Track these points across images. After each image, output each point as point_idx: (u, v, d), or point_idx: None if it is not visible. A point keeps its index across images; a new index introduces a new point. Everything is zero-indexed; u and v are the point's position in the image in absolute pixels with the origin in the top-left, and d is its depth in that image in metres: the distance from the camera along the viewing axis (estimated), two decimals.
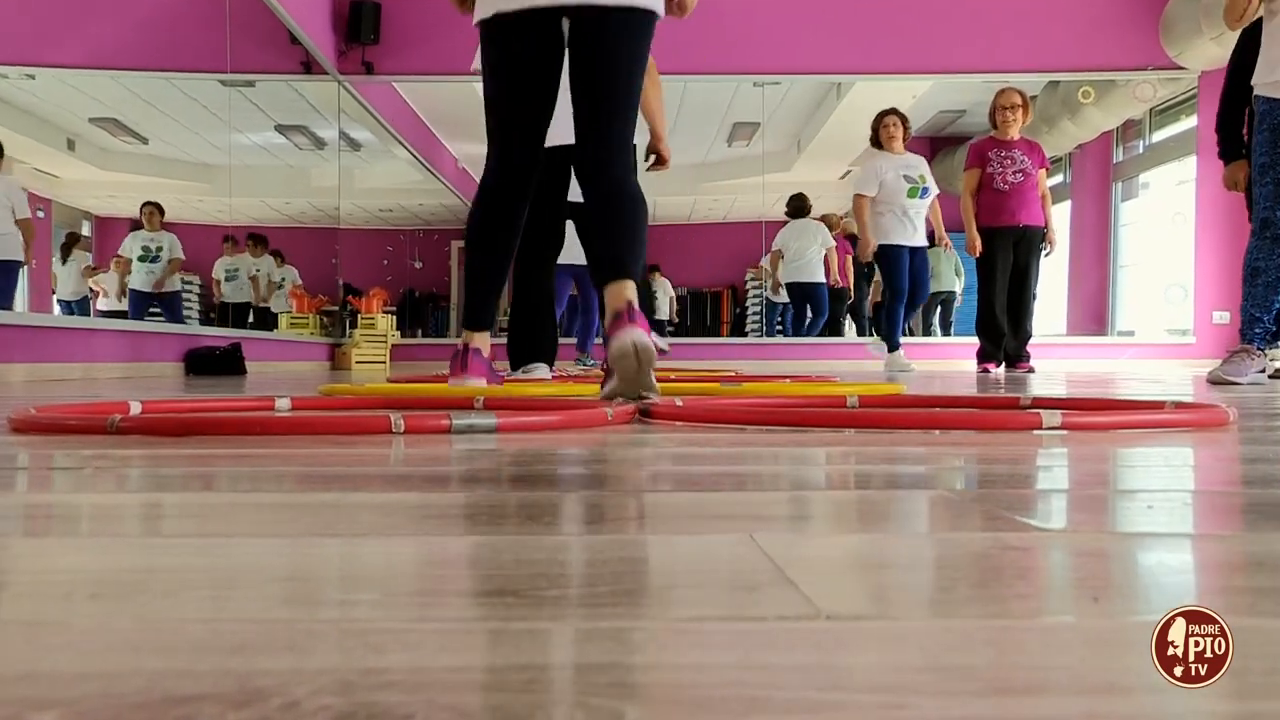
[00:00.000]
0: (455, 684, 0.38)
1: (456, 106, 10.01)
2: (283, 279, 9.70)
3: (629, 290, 2.18)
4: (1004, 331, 5.85)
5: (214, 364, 5.83)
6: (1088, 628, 0.46)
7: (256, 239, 9.23)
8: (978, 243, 5.85)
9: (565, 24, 2.36)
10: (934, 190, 6.45)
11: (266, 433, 1.45)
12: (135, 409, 1.71)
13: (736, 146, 11.49)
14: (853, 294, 10.55)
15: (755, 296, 11.49)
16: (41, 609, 0.50)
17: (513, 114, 2.45)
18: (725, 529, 0.72)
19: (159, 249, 7.68)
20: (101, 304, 7.71)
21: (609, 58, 2.35)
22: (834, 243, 9.43)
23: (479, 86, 2.54)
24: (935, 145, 11.68)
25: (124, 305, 7.60)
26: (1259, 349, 3.75)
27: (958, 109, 10.73)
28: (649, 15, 2.35)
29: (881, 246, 6.32)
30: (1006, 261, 5.81)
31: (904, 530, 0.76)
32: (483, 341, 2.59)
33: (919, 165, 6.48)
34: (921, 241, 6.45)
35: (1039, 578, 0.59)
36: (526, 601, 0.50)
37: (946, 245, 6.59)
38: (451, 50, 8.14)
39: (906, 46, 8.64)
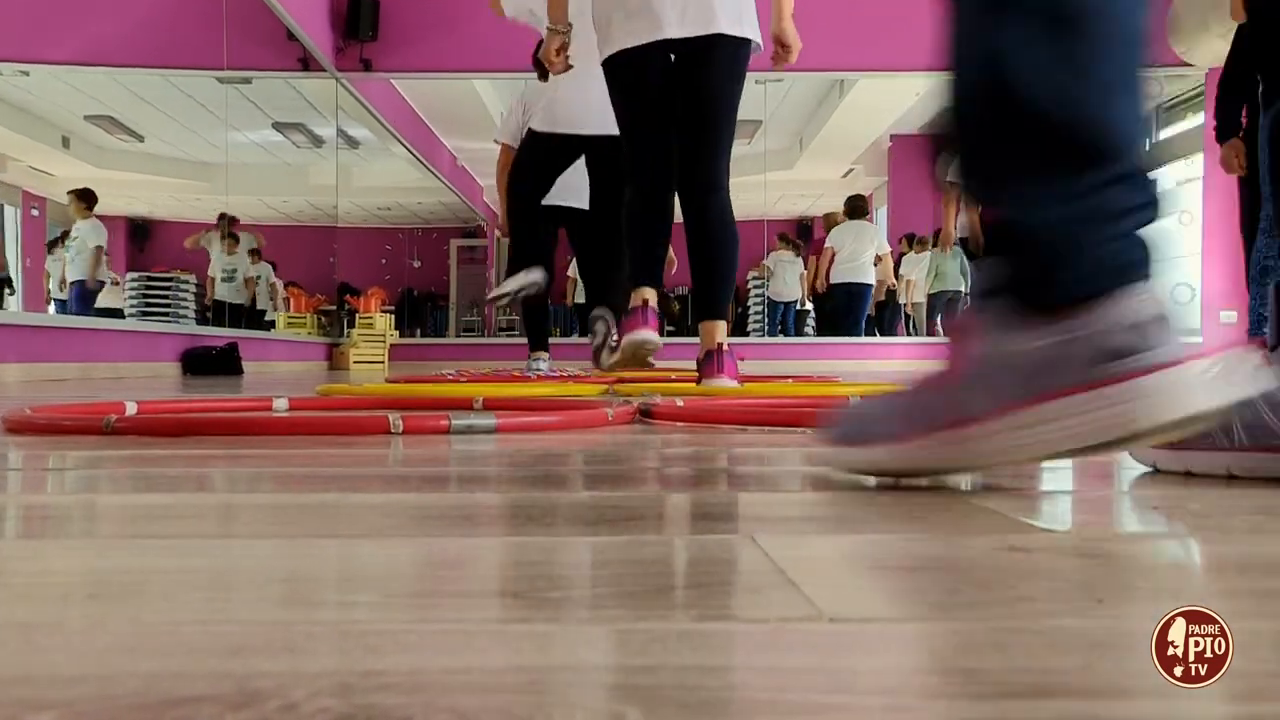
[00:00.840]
0: (455, 686, 0.38)
1: (455, 104, 10.01)
2: (258, 276, 9.60)
3: (720, 332, 2.65)
4: None
5: (211, 364, 5.83)
6: (1094, 630, 0.46)
7: (234, 236, 9.05)
8: (981, 241, 5.86)
9: (671, 57, 2.67)
10: None
11: (264, 433, 1.45)
12: (131, 409, 1.71)
13: (739, 144, 11.46)
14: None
15: (757, 296, 11.49)
16: (37, 610, 0.50)
17: (640, 142, 2.78)
18: (727, 530, 0.72)
19: (75, 239, 7.46)
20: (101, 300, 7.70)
21: (708, 86, 2.70)
22: (889, 247, 9.41)
23: (478, 84, 2.66)
24: (939, 143, 11.68)
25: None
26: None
27: None
28: (745, 44, 2.72)
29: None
30: None
31: (908, 531, 0.76)
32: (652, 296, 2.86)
33: None
34: None
35: (1044, 580, 0.59)
36: (526, 603, 0.50)
37: (948, 248, 6.58)
38: (450, 47, 8.15)
39: (910, 43, 8.63)
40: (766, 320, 11.25)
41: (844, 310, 9.76)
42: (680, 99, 2.70)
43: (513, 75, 7.03)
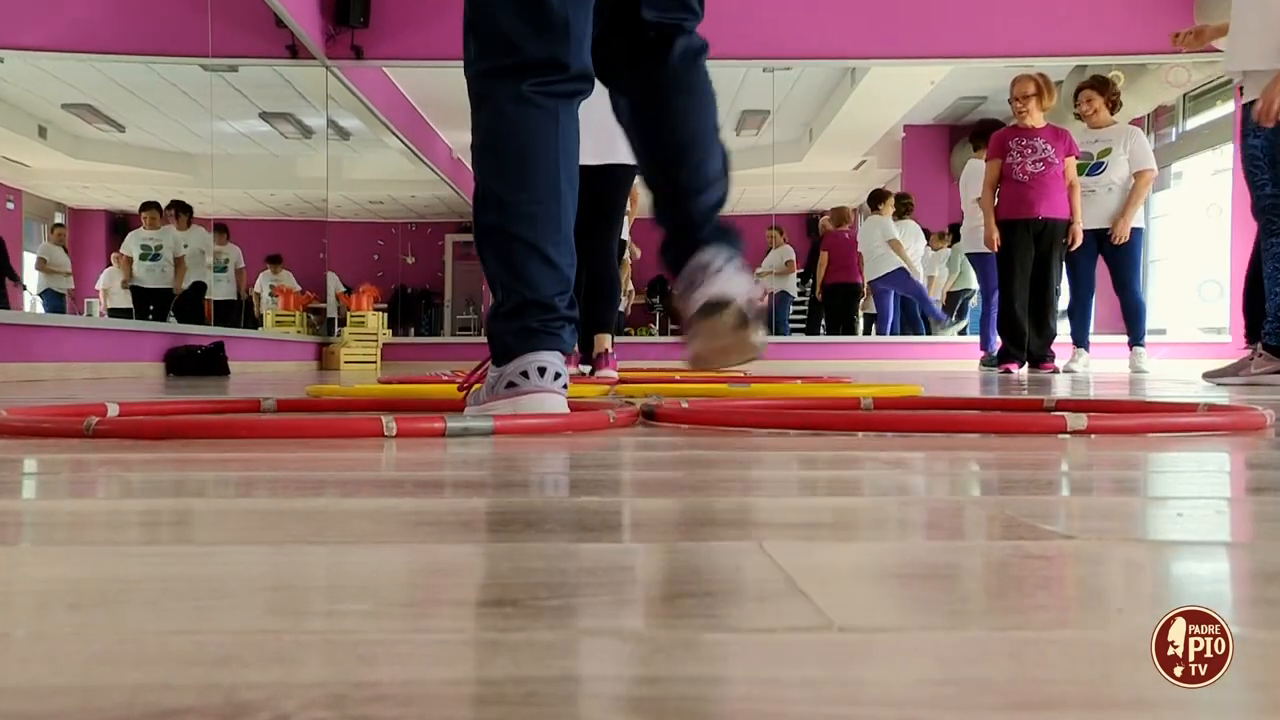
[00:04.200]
0: (451, 697, 0.38)
1: (451, 93, 10.02)
2: (226, 260, 9.05)
3: (607, 340, 3.82)
4: (1025, 330, 5.84)
5: (196, 364, 5.84)
6: (1112, 640, 0.46)
7: (180, 206, 8.27)
8: (995, 237, 5.85)
9: None
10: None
11: (251, 436, 1.46)
12: (113, 411, 1.71)
13: (745, 136, 11.50)
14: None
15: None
16: (17, 620, 0.50)
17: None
18: (733, 537, 0.72)
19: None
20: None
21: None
22: (895, 234, 9.39)
23: None
24: (954, 133, 11.68)
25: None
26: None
27: (978, 95, 10.73)
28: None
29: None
30: (1027, 257, 5.79)
31: (920, 538, 0.76)
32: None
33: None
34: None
35: (1061, 588, 0.59)
36: (525, 612, 0.50)
37: (994, 246, 6.49)
38: (445, 34, 8.15)
39: (924, 30, 8.63)
40: (775, 318, 11.25)
41: (883, 306, 9.77)
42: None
43: None
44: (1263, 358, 3.85)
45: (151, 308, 7.74)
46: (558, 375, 1.61)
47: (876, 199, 9.43)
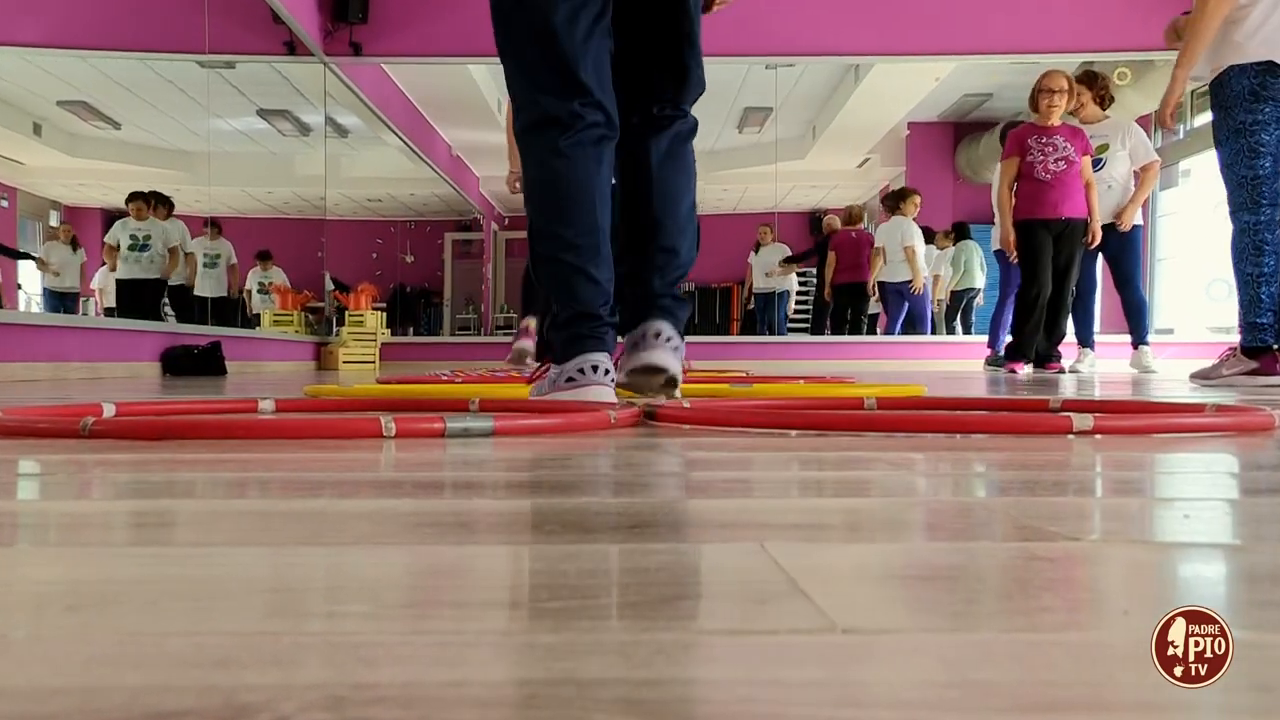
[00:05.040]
0: (452, 700, 0.38)
1: (451, 91, 10.02)
2: (217, 256, 8.92)
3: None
4: (1039, 331, 5.80)
5: (192, 364, 5.85)
6: (1118, 643, 0.46)
7: (159, 198, 8.06)
8: (1012, 238, 5.78)
9: None
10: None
11: (249, 436, 1.46)
12: (109, 411, 1.71)
13: (748, 133, 11.50)
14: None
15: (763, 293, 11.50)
16: (14, 621, 0.50)
17: None
18: (735, 538, 0.73)
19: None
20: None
21: None
22: (913, 241, 9.34)
23: (474, 69, 2.65)
24: (959, 131, 11.68)
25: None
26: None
27: (983, 92, 10.72)
28: None
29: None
30: (1048, 256, 5.72)
31: (923, 540, 0.76)
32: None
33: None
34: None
35: (1067, 590, 0.59)
36: (526, 613, 0.50)
37: (1011, 251, 6.44)
38: (445, 30, 8.15)
39: (929, 26, 8.63)
40: (760, 314, 11.27)
41: (896, 310, 9.74)
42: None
43: None
44: (1236, 358, 3.86)
45: (140, 301, 7.60)
46: (607, 371, 1.96)
47: (899, 198, 9.37)
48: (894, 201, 9.44)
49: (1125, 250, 5.99)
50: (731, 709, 0.37)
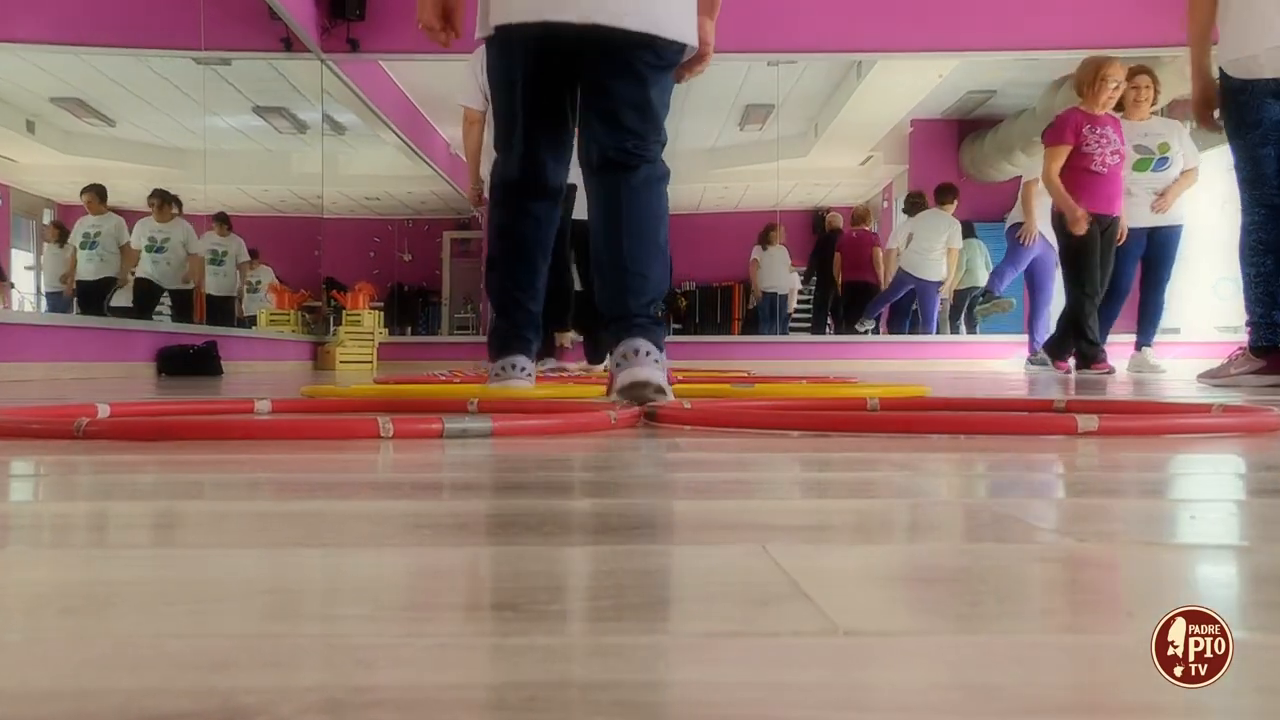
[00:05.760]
0: (450, 702, 0.38)
1: (448, 88, 10.00)
2: (225, 253, 8.62)
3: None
4: (1093, 331, 5.61)
5: (188, 363, 5.84)
6: (1122, 645, 0.46)
7: (97, 190, 7.66)
8: (1081, 214, 5.40)
9: None
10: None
11: (246, 437, 1.46)
12: (103, 412, 1.71)
13: (749, 130, 11.49)
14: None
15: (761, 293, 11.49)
16: (9, 623, 0.51)
17: None
18: (736, 539, 0.73)
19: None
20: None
21: None
22: (960, 244, 9.27)
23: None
24: (963, 128, 11.67)
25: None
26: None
27: (987, 89, 10.71)
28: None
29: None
30: (1099, 254, 5.46)
31: (928, 541, 0.77)
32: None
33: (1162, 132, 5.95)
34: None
35: (1071, 592, 0.59)
36: (525, 616, 0.50)
37: (1029, 241, 6.30)
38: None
39: (932, 22, 8.63)
40: (764, 315, 11.24)
41: (906, 304, 9.70)
42: None
43: None
44: (1244, 357, 3.86)
45: (92, 302, 7.37)
46: (524, 369, 2.58)
47: (945, 193, 9.27)
48: (938, 196, 9.36)
49: (1164, 253, 5.87)
50: (732, 711, 0.37)
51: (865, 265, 9.96)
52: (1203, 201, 9.88)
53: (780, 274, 11.22)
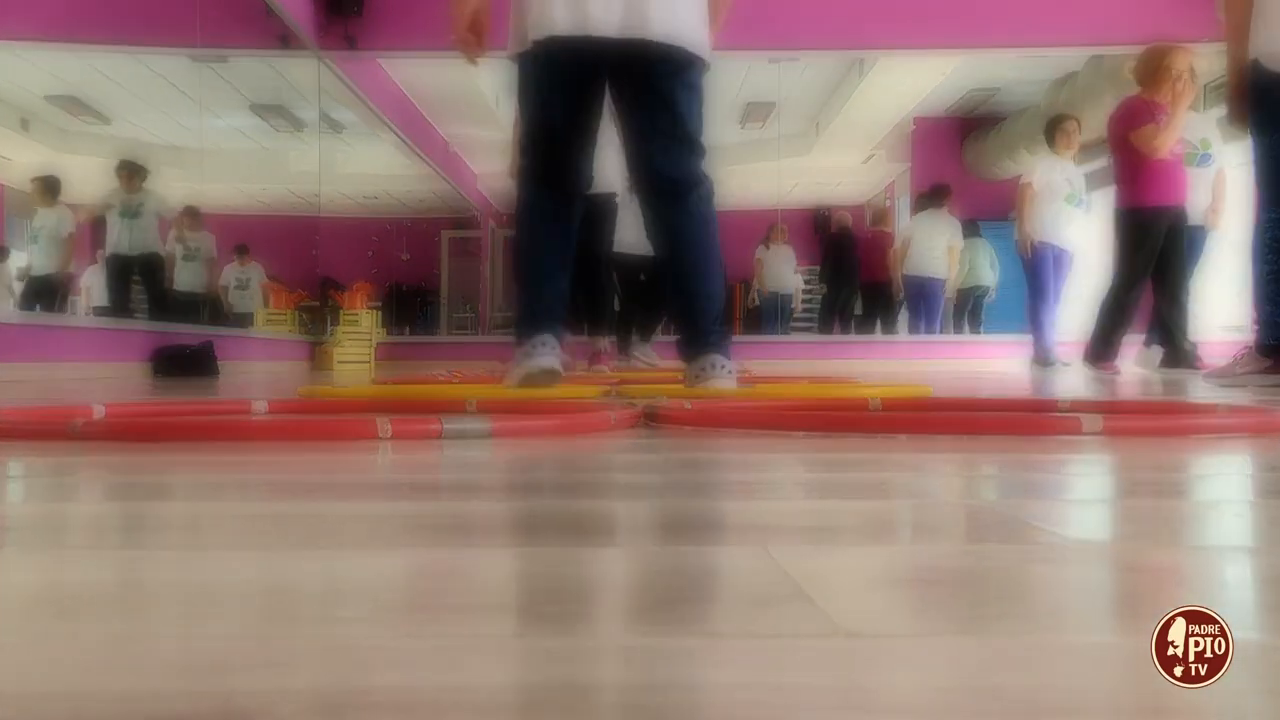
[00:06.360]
0: (450, 705, 0.38)
1: (448, 86, 10.02)
2: (196, 249, 8.37)
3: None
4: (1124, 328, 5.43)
5: (184, 364, 5.84)
6: (1127, 647, 0.46)
7: (47, 182, 7.35)
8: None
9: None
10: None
11: (242, 438, 1.46)
12: (99, 412, 1.71)
13: (750, 128, 11.49)
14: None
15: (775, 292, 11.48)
16: (3, 626, 0.51)
17: None
18: (738, 541, 0.73)
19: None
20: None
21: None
22: (961, 242, 9.30)
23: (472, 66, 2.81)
24: (966, 126, 11.67)
25: None
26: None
27: (991, 87, 10.71)
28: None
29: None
30: (1155, 249, 5.24)
31: (931, 542, 0.77)
32: None
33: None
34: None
35: (1075, 594, 0.59)
36: (524, 618, 0.50)
37: (1027, 250, 6.25)
38: (442, 24, 8.13)
39: (935, 19, 8.62)
40: (768, 314, 11.24)
41: (912, 307, 9.69)
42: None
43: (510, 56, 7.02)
44: (1249, 356, 3.85)
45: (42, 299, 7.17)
46: (549, 345, 2.67)
47: (942, 194, 9.31)
48: (932, 197, 9.38)
49: (1191, 252, 5.82)
50: (734, 713, 0.37)
51: (882, 266, 9.97)
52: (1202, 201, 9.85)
53: (784, 273, 11.23)
